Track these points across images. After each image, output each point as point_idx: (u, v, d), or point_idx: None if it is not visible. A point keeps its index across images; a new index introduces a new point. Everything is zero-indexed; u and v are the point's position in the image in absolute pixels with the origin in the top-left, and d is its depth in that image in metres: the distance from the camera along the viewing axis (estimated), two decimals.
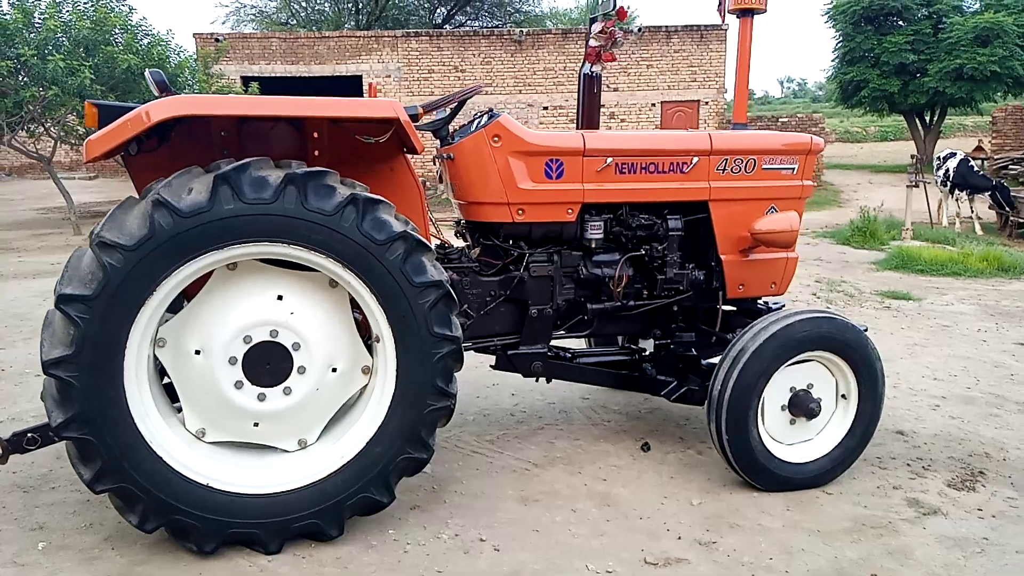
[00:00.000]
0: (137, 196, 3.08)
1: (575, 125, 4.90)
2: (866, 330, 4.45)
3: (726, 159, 4.19)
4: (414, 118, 3.26)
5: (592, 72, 4.74)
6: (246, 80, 19.97)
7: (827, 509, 3.77)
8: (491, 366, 4.22)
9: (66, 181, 17.60)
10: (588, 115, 4.79)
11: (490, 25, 32.05)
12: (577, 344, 5.05)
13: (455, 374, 3.34)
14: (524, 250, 4.12)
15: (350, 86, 20.58)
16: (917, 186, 13.72)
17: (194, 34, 20.46)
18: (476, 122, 4.02)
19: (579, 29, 21.76)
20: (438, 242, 4.18)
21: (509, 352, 4.18)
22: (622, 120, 21.89)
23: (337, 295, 3.25)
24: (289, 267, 3.20)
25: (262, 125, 3.43)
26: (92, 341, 2.85)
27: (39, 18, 12.09)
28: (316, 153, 3.49)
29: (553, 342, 4.40)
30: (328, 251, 3.03)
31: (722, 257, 4.26)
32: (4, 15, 11.61)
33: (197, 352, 3.12)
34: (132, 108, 3.01)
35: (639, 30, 21.94)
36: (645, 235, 4.23)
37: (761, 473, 3.85)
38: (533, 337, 4.19)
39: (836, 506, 3.81)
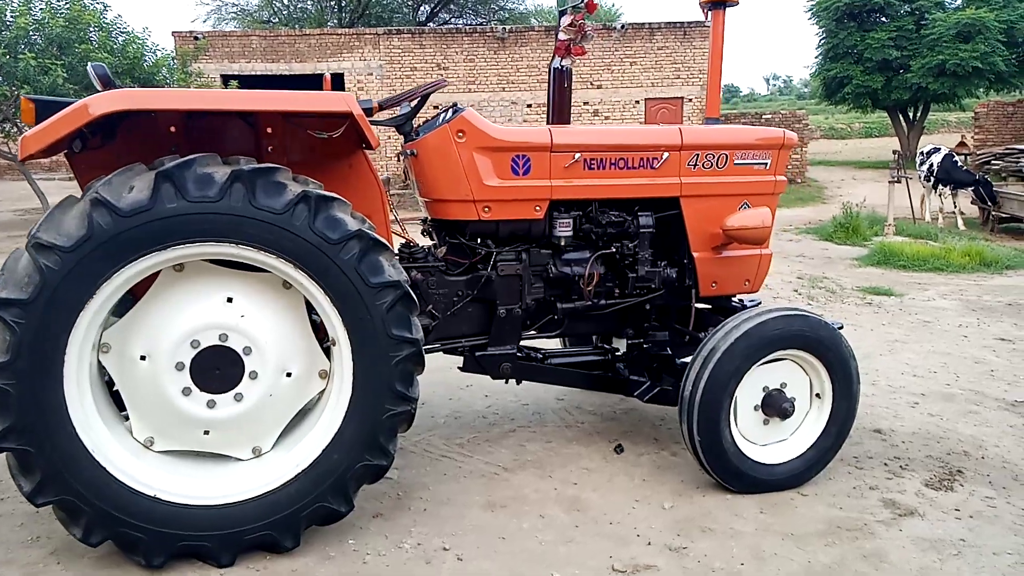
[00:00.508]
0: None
1: (546, 121, 4.80)
2: (841, 328, 4.37)
3: (697, 154, 4.09)
4: (368, 112, 3.15)
5: (562, 66, 4.64)
6: (226, 79, 19.74)
7: (801, 511, 3.69)
8: (459, 368, 4.10)
9: (45, 183, 17.36)
10: (559, 110, 4.69)
11: (473, 23, 31.89)
12: (555, 344, 4.96)
13: (416, 377, 3.23)
14: (491, 249, 4.01)
15: (332, 84, 20.37)
16: (899, 182, 13.70)
17: (173, 32, 20.22)
18: (441, 117, 3.90)
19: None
20: (404, 241, 4.07)
21: (477, 353, 4.07)
22: (606, 117, 21.78)
23: (291, 296, 3.14)
24: (240, 268, 3.08)
25: (213, 121, 3.30)
26: (29, 347, 2.73)
27: (11, 16, 11.87)
28: (270, 149, 3.38)
29: (524, 342, 4.31)
30: (278, 251, 2.92)
31: (694, 254, 4.17)
32: None
33: (142, 358, 2.99)
34: (71, 103, 2.88)
35: (622, 27, 21.86)
36: (616, 232, 4.12)
37: (734, 475, 3.76)
38: (502, 338, 4.08)
39: (811, 508, 3.72)
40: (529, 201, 3.91)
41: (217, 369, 3.02)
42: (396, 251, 4.07)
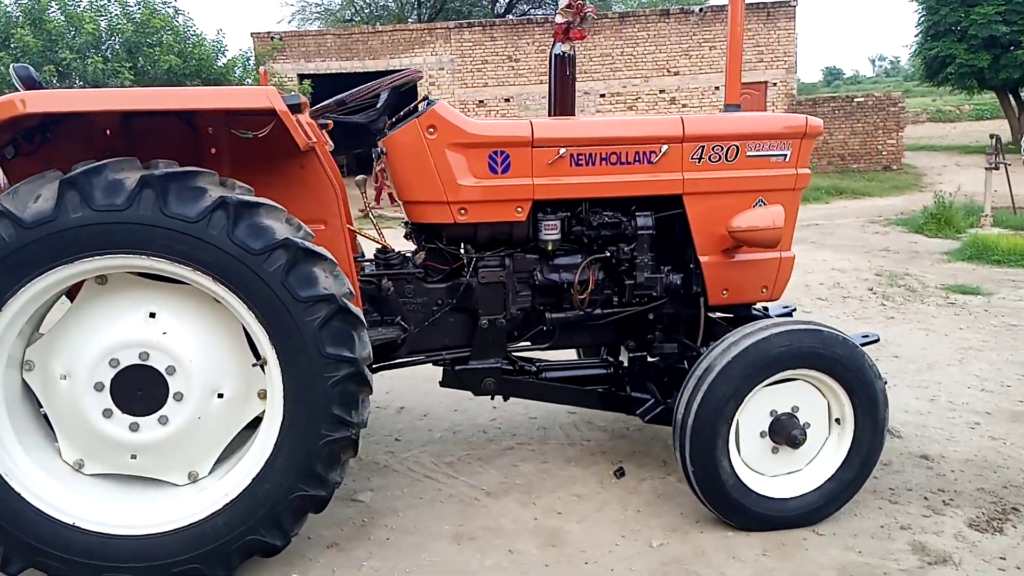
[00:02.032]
0: None
1: (546, 112, 4.43)
2: (875, 341, 3.87)
3: (702, 146, 3.65)
4: (295, 108, 2.87)
5: (563, 52, 4.26)
6: (303, 78, 20.02)
7: (811, 554, 3.22)
8: (439, 383, 3.79)
9: None
10: (561, 100, 4.31)
11: (548, 13, 31.44)
12: (570, 355, 4.58)
13: (361, 400, 2.95)
14: (471, 254, 3.68)
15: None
16: (997, 168, 12.56)
17: (252, 33, 20.66)
18: (410, 111, 3.59)
19: (636, 12, 21.02)
20: (380, 246, 3.78)
21: (457, 367, 3.75)
22: (683, 105, 21.02)
23: (224, 311, 2.89)
24: (169, 280, 2.85)
25: (151, 123, 3.09)
26: None
27: (79, 20, 12.24)
28: (212, 151, 3.15)
29: (523, 353, 3.97)
30: (194, 263, 2.67)
31: (701, 259, 3.73)
32: (49, 20, 11.80)
33: (63, 377, 2.81)
34: None
35: (700, 10, 21.02)
36: (610, 235, 3.73)
37: (735, 509, 3.32)
38: (484, 350, 3.75)
39: (823, 551, 3.24)
40: (509, 202, 3.57)
41: (139, 390, 2.81)
42: (372, 257, 3.83)
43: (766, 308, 4.28)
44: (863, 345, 3.85)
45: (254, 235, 2.69)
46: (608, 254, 3.73)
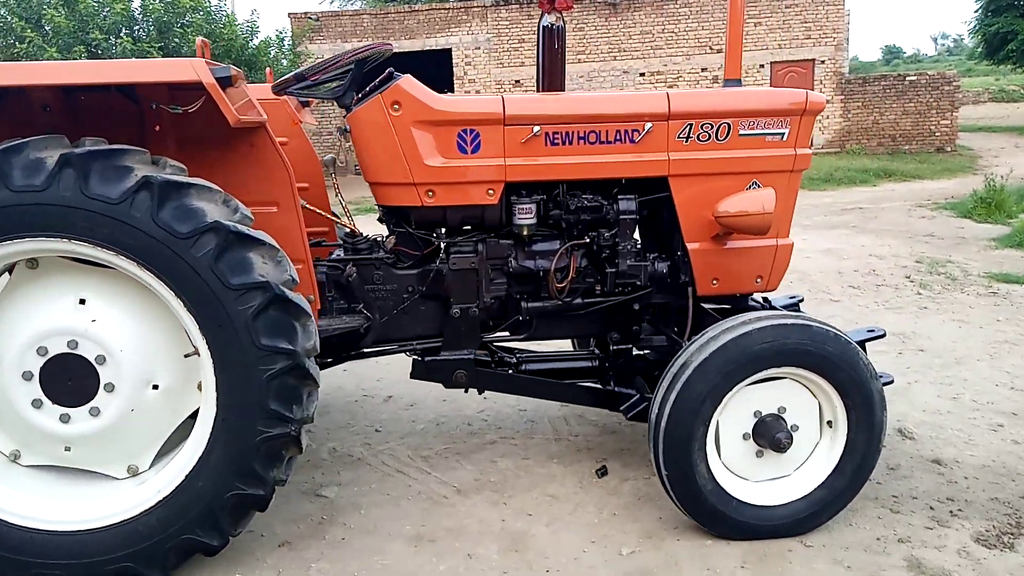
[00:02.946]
0: None
1: (535, 87, 4.17)
2: (881, 336, 3.57)
3: (689, 124, 3.37)
4: (225, 81, 2.68)
5: (551, 24, 3.99)
6: None
7: (793, 568, 2.97)
8: (410, 375, 3.60)
9: None
10: (549, 75, 4.04)
11: None
12: (551, 346, 4.36)
13: (305, 395, 2.78)
14: (442, 238, 3.48)
15: (440, 60, 20.19)
16: None
17: (289, 14, 20.63)
18: (379, 87, 3.37)
19: None
20: (348, 230, 3.60)
21: (427, 358, 3.56)
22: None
23: (157, 298, 2.74)
24: (101, 265, 2.71)
25: (94, 100, 2.95)
26: None
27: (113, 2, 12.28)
28: (157, 128, 2.99)
29: (508, 343, 3.77)
30: (117, 247, 2.52)
31: (688, 245, 3.46)
32: (80, 0, 11.86)
33: None
34: None
35: None
36: (590, 219, 3.48)
37: (713, 517, 3.08)
38: (456, 340, 3.55)
39: (807, 564, 2.99)
40: (479, 184, 3.34)
41: (69, 380, 2.68)
42: (340, 240, 3.66)
43: (767, 299, 4.00)
44: (867, 340, 3.58)
45: (181, 217, 2.53)
46: (588, 240, 3.50)
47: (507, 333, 3.76)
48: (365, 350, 3.61)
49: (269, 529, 3.23)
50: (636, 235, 3.77)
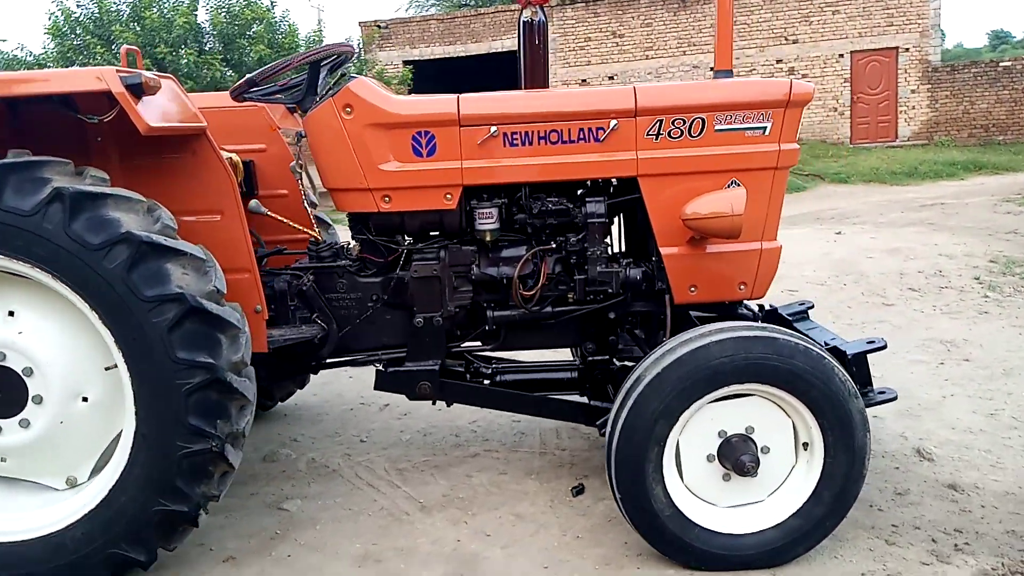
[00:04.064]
0: None
1: (520, 85, 4.00)
2: (882, 348, 3.25)
3: (659, 120, 3.14)
4: (137, 89, 2.61)
5: (531, 20, 3.81)
6: (407, 64, 20.15)
7: None
8: (374, 386, 3.49)
9: None
10: (532, 72, 3.85)
11: None
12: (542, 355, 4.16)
13: (234, 410, 2.70)
14: (402, 245, 3.36)
15: (507, 62, 20.10)
16: None
17: (359, 22, 20.98)
18: (330, 88, 3.28)
19: None
20: (312, 237, 3.52)
21: (390, 369, 3.44)
22: (803, 76, 19.55)
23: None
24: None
25: (36, 113, 2.94)
26: None
27: (172, 15, 12.68)
28: (98, 139, 2.97)
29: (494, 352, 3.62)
30: (31, 259, 2.50)
31: (662, 250, 3.23)
32: (147, 16, 12.32)
33: None
34: None
35: None
36: (556, 224, 3.30)
37: (673, 545, 2.84)
38: (420, 351, 3.42)
39: None
40: (437, 188, 3.21)
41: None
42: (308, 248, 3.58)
43: (772, 307, 3.72)
44: (866, 353, 3.25)
45: (94, 229, 2.49)
46: (555, 246, 3.31)
47: (478, 343, 3.60)
48: (329, 360, 3.53)
49: (221, 543, 3.17)
50: (615, 240, 3.58)
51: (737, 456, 2.77)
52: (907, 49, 19.09)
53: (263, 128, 3.83)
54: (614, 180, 3.36)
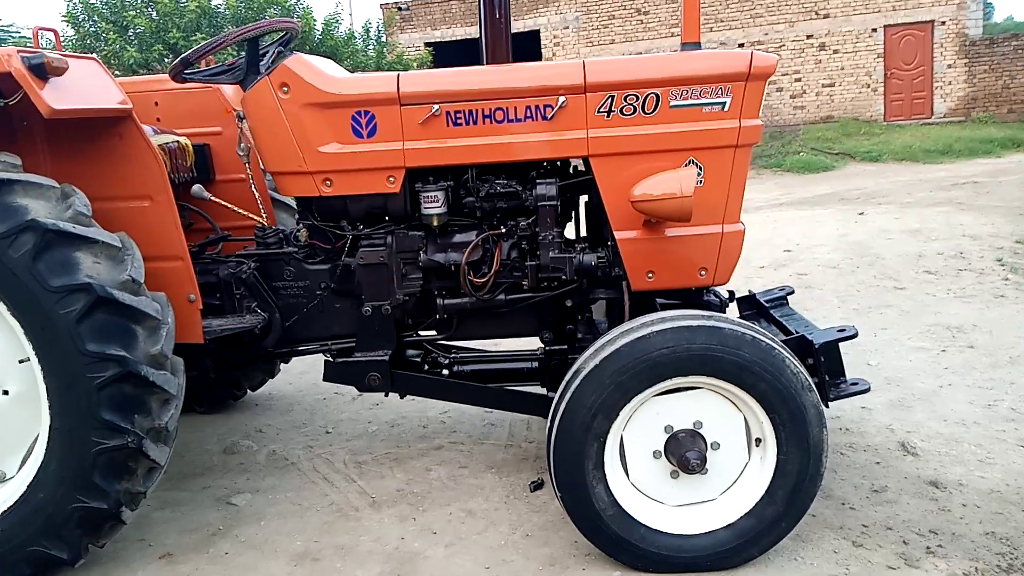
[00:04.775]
0: None
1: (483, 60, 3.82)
2: (852, 336, 3.05)
3: (611, 96, 2.95)
4: (39, 69, 2.50)
5: None
6: (429, 46, 19.98)
7: None
8: (323, 378, 3.37)
9: None
10: (493, 47, 3.67)
11: None
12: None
13: (155, 403, 2.60)
14: (347, 231, 3.23)
15: (527, 43, 19.83)
16: None
17: (381, 5, 20.84)
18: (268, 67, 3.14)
19: None
20: (260, 222, 3.41)
21: (338, 360, 3.32)
22: (834, 51, 18.99)
23: None
24: None
25: None
26: None
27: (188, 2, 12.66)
28: (24, 123, 2.89)
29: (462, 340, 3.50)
30: None
31: (616, 234, 3.06)
32: (159, 1, 12.31)
33: None
34: None
35: None
36: (506, 207, 3.14)
37: (617, 545, 2.69)
38: (369, 341, 3.29)
39: None
40: (379, 171, 3.06)
41: None
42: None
43: (750, 293, 3.54)
44: (837, 341, 3.05)
45: None
46: (504, 230, 3.15)
47: (434, 332, 3.47)
48: (280, 351, 3.42)
49: (161, 538, 3.09)
50: (581, 224, 3.42)
51: (683, 452, 2.60)
52: (943, 22, 18.39)
53: (218, 111, 3.73)
54: (573, 161, 3.19)
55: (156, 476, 2.75)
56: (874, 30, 18.81)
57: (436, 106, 2.98)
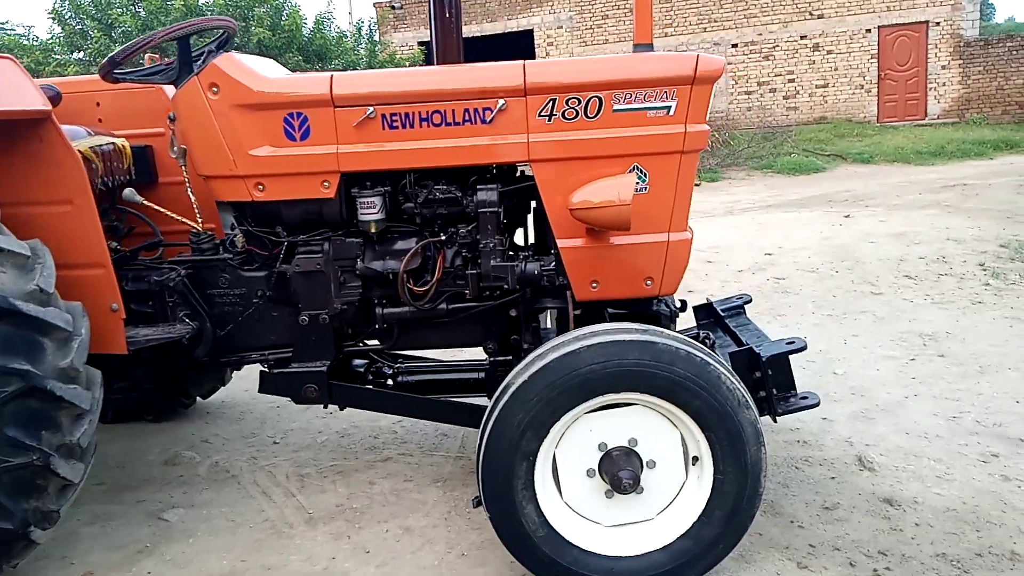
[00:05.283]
0: None
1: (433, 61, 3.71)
2: (801, 349, 2.95)
3: (552, 100, 2.84)
4: None
5: None
6: (423, 45, 19.86)
7: None
8: (259, 389, 3.26)
9: None
10: (443, 47, 3.55)
11: None
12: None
13: (66, 419, 2.50)
14: (283, 237, 3.12)
15: (522, 42, 19.72)
16: None
17: (374, 4, 20.71)
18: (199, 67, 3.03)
19: None
20: (198, 228, 3.30)
21: (274, 370, 3.21)
22: (828, 52, 18.86)
23: None
24: None
25: None
26: None
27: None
28: None
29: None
30: None
31: (559, 242, 2.95)
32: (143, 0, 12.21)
33: None
34: None
35: None
36: (446, 214, 3.03)
37: (549, 568, 2.58)
38: (307, 351, 3.18)
39: None
40: (312, 175, 2.95)
41: None
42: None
43: (708, 302, 3.43)
44: (786, 354, 2.95)
45: None
46: (444, 238, 3.04)
47: (376, 342, 3.36)
48: (218, 360, 3.31)
49: (85, 555, 2.99)
50: (530, 232, 3.31)
51: (615, 472, 2.50)
52: (938, 23, 18.26)
53: (162, 111, 3.61)
54: (521, 166, 3.08)
55: (70, 493, 2.64)
56: (868, 31, 18.70)
57: (371, 108, 2.87)
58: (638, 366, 2.41)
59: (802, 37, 18.94)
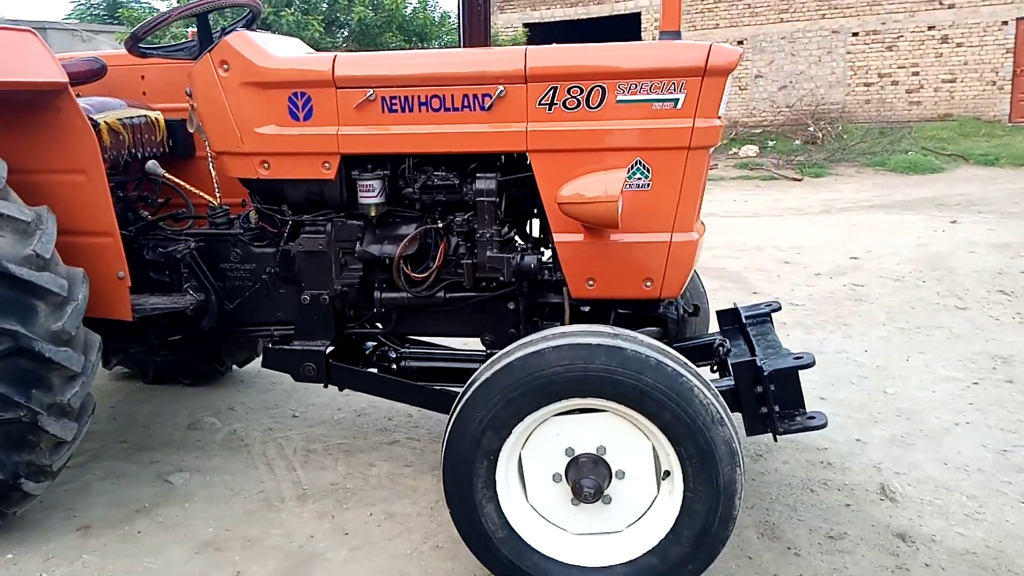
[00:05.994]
0: None
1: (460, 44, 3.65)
2: (810, 365, 2.76)
3: (553, 88, 2.73)
4: None
5: None
6: (527, 27, 19.79)
7: None
8: (261, 364, 3.32)
9: None
10: (470, 32, 3.50)
11: None
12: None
13: (57, 379, 2.61)
14: (288, 216, 3.15)
15: (628, 25, 19.31)
16: None
17: None
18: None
19: None
20: (213, 201, 3.38)
21: (275, 347, 3.25)
22: (958, 44, 17.58)
23: None
24: None
25: None
26: None
27: None
28: None
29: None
30: None
31: (555, 237, 2.85)
32: None
33: None
34: None
35: None
36: (445, 201, 2.98)
37: (507, 570, 2.51)
38: (308, 330, 3.21)
39: None
40: (314, 156, 2.96)
41: None
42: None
43: (734, 308, 3.26)
44: (793, 369, 2.76)
45: None
46: (441, 225, 2.99)
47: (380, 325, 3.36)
48: (225, 332, 3.39)
49: (88, 511, 3.12)
50: (535, 224, 3.22)
51: (578, 479, 2.40)
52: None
53: (183, 87, 3.71)
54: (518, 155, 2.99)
55: (64, 451, 2.77)
56: (1005, 23, 17.28)
57: (371, 91, 2.84)
58: (605, 372, 2.30)
59: (930, 28, 17.72)
